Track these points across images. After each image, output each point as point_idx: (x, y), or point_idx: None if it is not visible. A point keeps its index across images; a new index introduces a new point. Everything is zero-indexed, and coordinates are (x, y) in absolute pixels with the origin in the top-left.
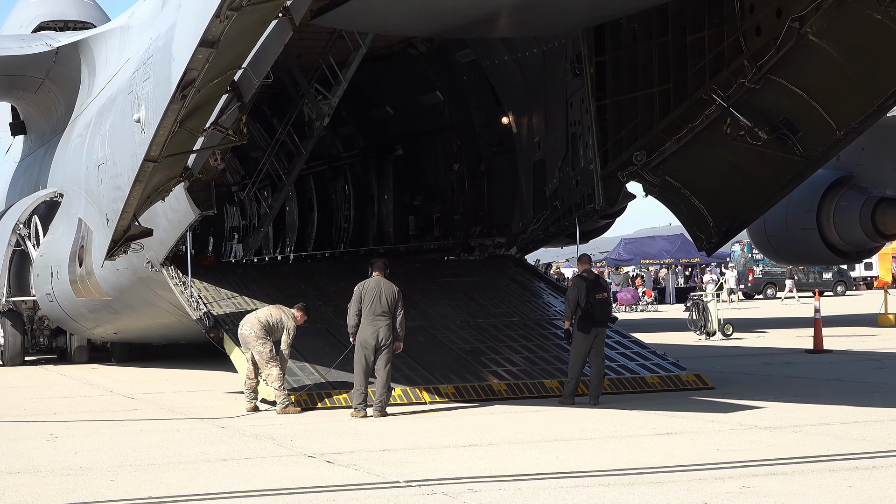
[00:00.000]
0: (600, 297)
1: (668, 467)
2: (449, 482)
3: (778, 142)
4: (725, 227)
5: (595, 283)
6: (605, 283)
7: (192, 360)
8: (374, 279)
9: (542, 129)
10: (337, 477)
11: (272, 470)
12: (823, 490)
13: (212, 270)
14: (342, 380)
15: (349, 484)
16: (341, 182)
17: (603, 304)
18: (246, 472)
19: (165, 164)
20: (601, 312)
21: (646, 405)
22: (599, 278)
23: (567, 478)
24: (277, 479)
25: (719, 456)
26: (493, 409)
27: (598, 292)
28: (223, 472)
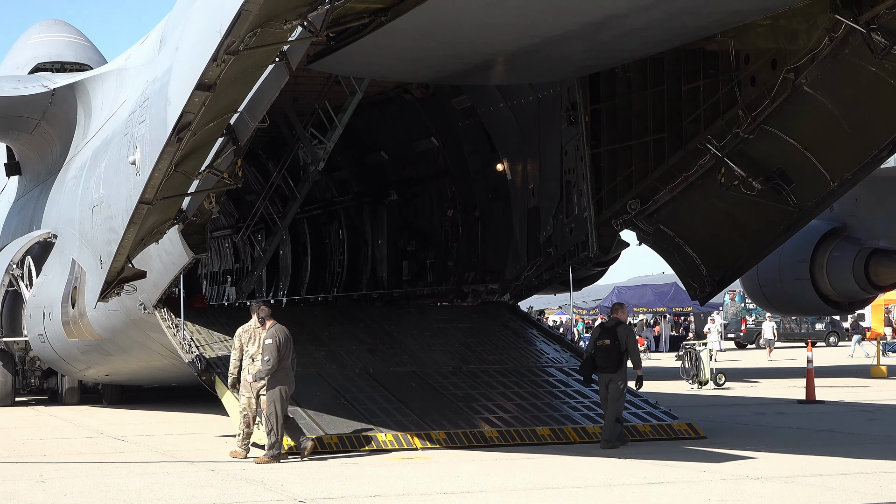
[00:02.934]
0: (601, 343)
1: None
2: None
3: (772, 192)
4: (719, 277)
5: (604, 330)
6: (621, 331)
7: (183, 402)
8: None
9: (536, 177)
10: None
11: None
12: None
13: (204, 313)
14: (335, 424)
15: None
16: (335, 226)
17: (601, 351)
18: None
19: (160, 207)
20: (599, 358)
21: (638, 454)
22: (619, 325)
23: None
24: None
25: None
26: (484, 455)
27: (601, 339)
28: None
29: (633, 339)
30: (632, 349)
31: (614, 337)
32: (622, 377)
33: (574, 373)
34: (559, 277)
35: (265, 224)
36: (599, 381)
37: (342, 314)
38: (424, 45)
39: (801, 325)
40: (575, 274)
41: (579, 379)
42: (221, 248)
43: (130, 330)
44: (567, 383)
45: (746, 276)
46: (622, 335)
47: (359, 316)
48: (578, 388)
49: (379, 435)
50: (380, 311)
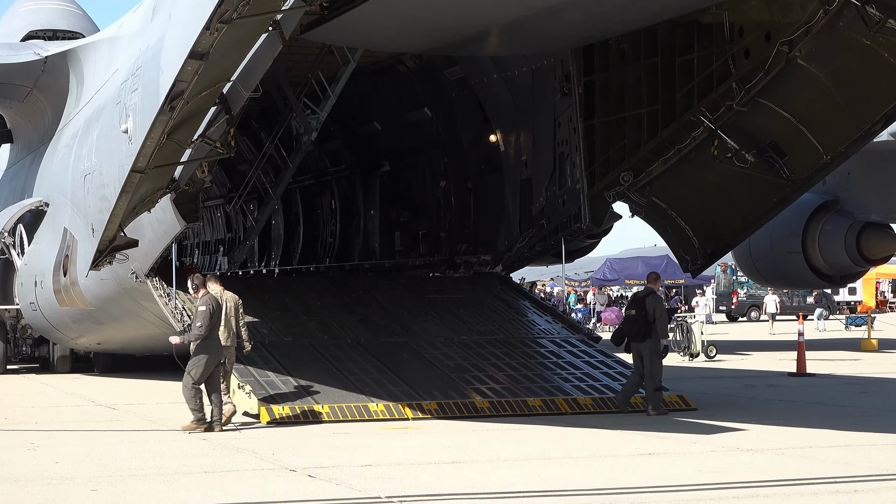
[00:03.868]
0: (629, 313)
1: (650, 488)
2: (430, 498)
3: (765, 165)
4: (711, 249)
5: (634, 301)
6: (649, 301)
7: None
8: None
9: (529, 148)
10: (318, 491)
11: (253, 483)
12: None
13: None
14: (327, 394)
15: (330, 499)
16: (328, 197)
17: (628, 321)
18: (227, 485)
19: (152, 176)
20: (628, 328)
21: (628, 425)
22: (650, 296)
23: (548, 496)
24: (258, 493)
25: (701, 477)
26: (475, 426)
27: (629, 309)
28: (204, 485)
29: (662, 309)
30: (659, 318)
31: (641, 307)
32: (654, 346)
33: (566, 344)
34: (551, 249)
35: (257, 194)
36: (632, 348)
37: (334, 284)
38: (418, 15)
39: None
40: (567, 246)
41: (571, 350)
42: (214, 217)
43: (122, 299)
44: (558, 354)
45: (738, 248)
46: (650, 305)
47: (351, 286)
48: (570, 359)
49: (371, 405)
50: (372, 281)
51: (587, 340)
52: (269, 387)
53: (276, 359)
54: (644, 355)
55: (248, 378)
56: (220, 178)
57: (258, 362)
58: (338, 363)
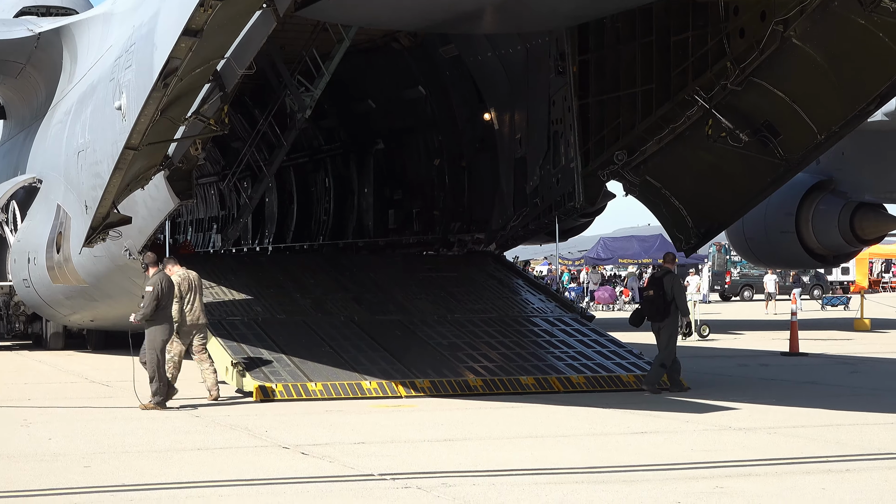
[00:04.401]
0: (647, 293)
1: (642, 466)
2: (423, 476)
3: (759, 144)
4: (705, 229)
5: (650, 281)
6: (667, 280)
7: None
8: None
9: (524, 127)
10: (311, 469)
11: (246, 460)
12: (797, 492)
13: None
14: (320, 372)
15: (323, 476)
16: (322, 175)
17: (647, 301)
18: (219, 462)
19: (146, 153)
20: (646, 308)
21: (621, 404)
22: (667, 275)
23: (541, 474)
24: (251, 470)
25: (693, 456)
26: (468, 404)
27: (647, 289)
28: (197, 462)
29: (680, 288)
30: (678, 297)
31: (659, 286)
32: (672, 325)
33: (559, 322)
34: (545, 228)
35: (251, 171)
36: (652, 328)
37: (328, 262)
38: None
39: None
40: (561, 224)
41: (564, 329)
42: (207, 195)
43: (115, 275)
44: (552, 333)
45: (732, 228)
46: (668, 285)
47: (344, 264)
48: (563, 338)
49: (364, 383)
50: (366, 259)
51: (580, 319)
52: (263, 365)
53: (269, 336)
54: (662, 333)
55: (241, 356)
56: (214, 155)
57: (251, 340)
58: (331, 341)
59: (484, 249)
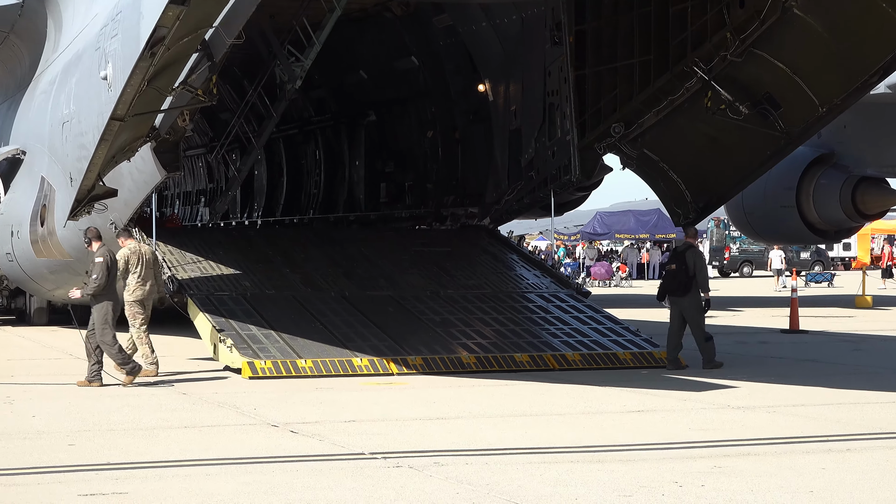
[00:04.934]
0: (669, 267)
1: (639, 445)
2: (415, 455)
3: (759, 117)
4: (703, 203)
5: (673, 255)
6: (689, 255)
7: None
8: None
9: (518, 98)
10: (300, 447)
11: (234, 438)
12: (796, 472)
13: (177, 234)
14: (309, 348)
15: (313, 454)
16: (312, 147)
17: (669, 275)
18: (207, 440)
19: (132, 124)
20: (669, 282)
21: (617, 382)
22: (689, 250)
23: (536, 453)
24: (239, 448)
25: (691, 435)
26: (461, 381)
27: (670, 263)
28: (183, 440)
29: (702, 263)
30: (700, 272)
31: (682, 261)
32: (694, 300)
33: (555, 298)
34: (540, 202)
35: (240, 143)
36: (671, 304)
37: (318, 236)
38: None
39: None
40: (557, 198)
41: (560, 305)
42: (195, 167)
43: None
44: (547, 309)
45: (731, 202)
46: (690, 259)
47: (335, 238)
48: (558, 314)
49: (355, 360)
50: (357, 233)
51: (576, 295)
52: (251, 341)
53: (257, 312)
54: (685, 310)
55: (229, 332)
56: (202, 126)
57: (240, 315)
58: (321, 317)
59: (478, 224)
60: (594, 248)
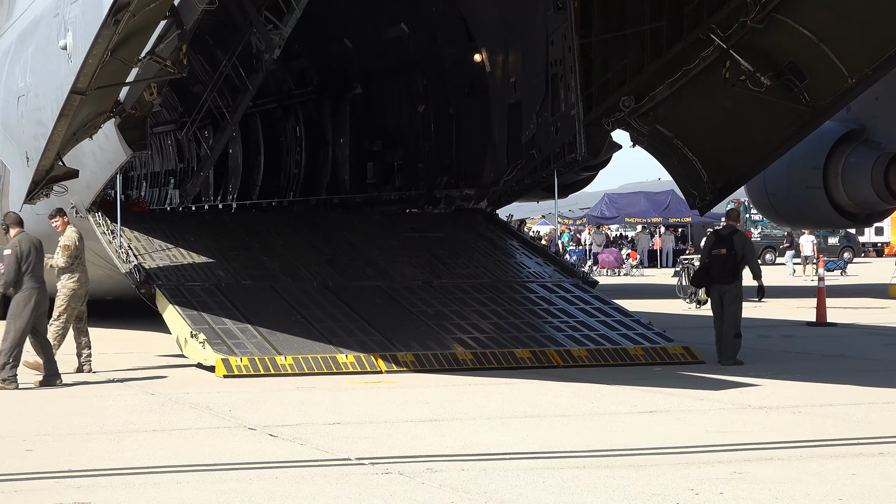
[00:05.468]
0: (717, 252)
1: (651, 449)
2: (406, 461)
3: (782, 89)
4: (721, 184)
5: (719, 238)
6: (737, 238)
7: (119, 318)
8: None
9: (518, 69)
10: (280, 452)
11: (207, 443)
12: (823, 478)
13: (144, 218)
14: (290, 344)
15: (293, 460)
16: (292, 122)
17: (717, 260)
18: (178, 445)
19: (94, 98)
20: (715, 268)
21: (627, 379)
22: (735, 234)
23: (538, 458)
24: (213, 454)
25: (708, 438)
26: (456, 380)
27: (717, 247)
28: (152, 444)
29: (751, 247)
30: (749, 257)
31: (731, 245)
32: (739, 289)
33: (558, 288)
34: (543, 182)
35: (213, 119)
36: (712, 292)
37: (299, 221)
38: None
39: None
40: (560, 179)
41: (564, 296)
42: (164, 145)
43: None
44: (550, 301)
45: (752, 183)
46: (739, 243)
47: (318, 223)
48: (562, 306)
49: (339, 356)
50: (341, 218)
51: (582, 285)
52: (226, 335)
53: (233, 304)
54: (728, 299)
55: (201, 326)
56: (171, 101)
57: (213, 308)
58: (303, 309)
59: (474, 207)
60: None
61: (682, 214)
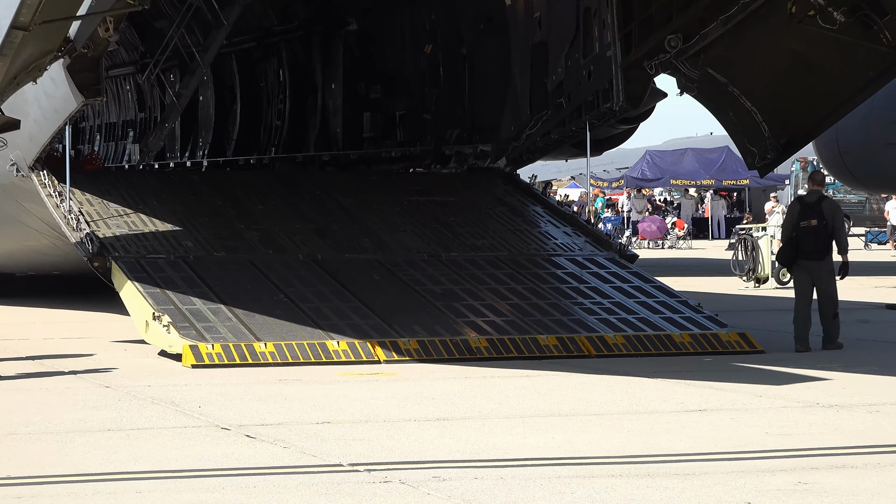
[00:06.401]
0: (806, 223)
1: (701, 455)
2: (408, 467)
3: (859, 26)
4: (785, 140)
5: (806, 207)
6: (826, 206)
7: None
8: None
9: (544, 3)
10: (259, 456)
11: (172, 445)
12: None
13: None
14: (271, 328)
15: (275, 466)
16: (274, 65)
17: (807, 233)
18: (137, 448)
19: (39, 34)
20: (806, 242)
21: (672, 372)
22: (824, 201)
23: (565, 465)
24: (179, 458)
25: (768, 442)
26: (469, 371)
27: (805, 218)
28: (107, 447)
29: (841, 217)
30: (839, 228)
31: (821, 215)
32: (831, 264)
33: (591, 264)
34: (572, 137)
35: (180, 60)
36: (798, 270)
37: (282, 183)
38: None
39: None
40: (593, 133)
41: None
42: (121, 91)
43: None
44: (581, 278)
45: (822, 139)
46: (829, 212)
47: (304, 185)
48: (595, 284)
49: (330, 343)
50: (333, 178)
51: (619, 259)
52: (195, 317)
53: (203, 281)
54: (819, 277)
55: (166, 306)
56: (131, 38)
57: (180, 285)
58: (286, 287)
59: (490, 166)
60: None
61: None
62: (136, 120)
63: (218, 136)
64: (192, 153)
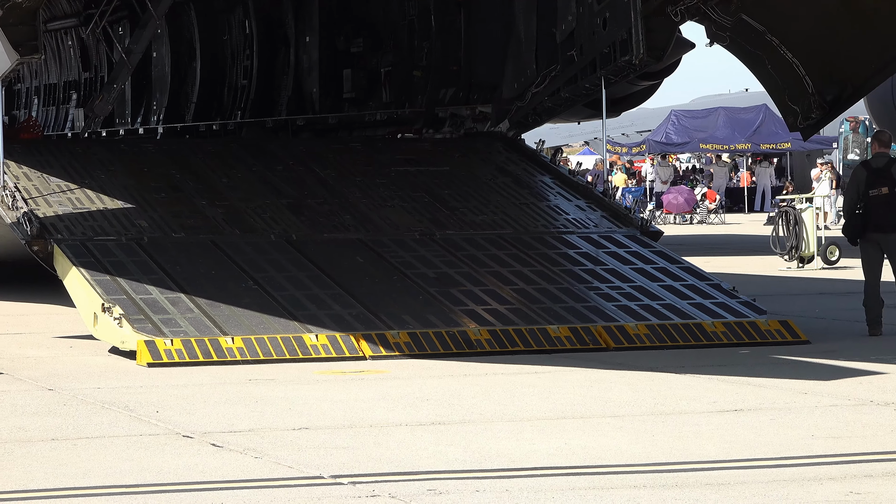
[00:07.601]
0: (876, 191)
1: (736, 462)
2: (399, 479)
3: None
4: (832, 96)
5: (875, 174)
6: None
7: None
8: None
9: None
10: (227, 468)
11: (127, 456)
12: None
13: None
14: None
15: (245, 479)
16: (239, 15)
17: (879, 202)
18: (86, 459)
19: None
20: (877, 213)
21: (703, 366)
22: (894, 165)
23: (580, 475)
24: (134, 471)
25: (815, 446)
26: (468, 368)
27: (874, 186)
28: (51, 459)
29: None
30: None
31: (893, 181)
32: None
33: (608, 242)
34: (586, 96)
35: (130, 11)
36: (866, 244)
37: (250, 152)
38: None
39: None
40: (610, 91)
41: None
42: (62, 47)
43: None
44: (597, 258)
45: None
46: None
47: (276, 154)
48: (613, 265)
49: (307, 336)
50: (308, 146)
51: (641, 237)
52: (151, 309)
53: (160, 266)
54: (894, 249)
55: (117, 296)
56: None
57: (133, 272)
58: (256, 272)
59: (490, 130)
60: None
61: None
62: (80, 81)
63: (175, 99)
64: (146, 118)
